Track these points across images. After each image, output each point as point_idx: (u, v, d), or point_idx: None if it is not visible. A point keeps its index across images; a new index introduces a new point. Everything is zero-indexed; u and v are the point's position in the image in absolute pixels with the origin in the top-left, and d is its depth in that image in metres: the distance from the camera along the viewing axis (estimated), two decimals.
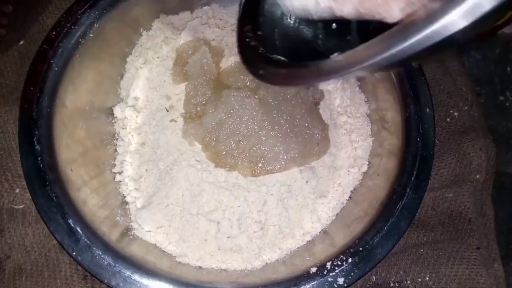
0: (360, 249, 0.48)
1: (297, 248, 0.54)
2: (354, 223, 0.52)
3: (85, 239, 0.47)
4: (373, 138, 0.60)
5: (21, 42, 0.70)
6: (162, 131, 0.59)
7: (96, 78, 0.60)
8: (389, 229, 0.49)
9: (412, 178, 0.52)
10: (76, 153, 0.55)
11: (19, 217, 0.58)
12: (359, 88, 0.63)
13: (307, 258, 0.51)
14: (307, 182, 0.56)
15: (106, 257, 0.47)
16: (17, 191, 0.59)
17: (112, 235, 0.50)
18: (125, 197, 0.57)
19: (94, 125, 0.59)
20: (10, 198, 0.59)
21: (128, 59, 0.64)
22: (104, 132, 0.60)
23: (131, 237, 0.53)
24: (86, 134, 0.57)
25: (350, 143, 0.61)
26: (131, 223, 0.54)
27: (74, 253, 0.46)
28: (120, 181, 0.58)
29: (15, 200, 0.59)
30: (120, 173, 0.59)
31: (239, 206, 0.53)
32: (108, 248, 0.47)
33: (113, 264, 0.46)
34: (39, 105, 0.52)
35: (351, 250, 0.48)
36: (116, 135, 0.61)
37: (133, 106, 0.61)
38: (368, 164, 0.58)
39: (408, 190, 0.51)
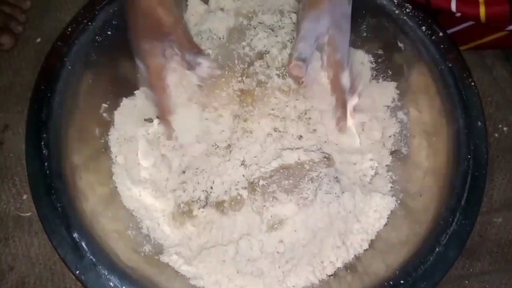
0: (401, 282, 0.42)
1: (327, 276, 0.48)
2: (392, 251, 0.46)
3: (90, 256, 0.42)
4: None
5: (38, 40, 0.67)
6: None
7: (115, 79, 0.56)
8: (436, 260, 0.43)
9: (462, 201, 0.45)
10: (88, 159, 0.51)
11: (25, 226, 0.54)
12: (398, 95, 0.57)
13: None
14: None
15: (112, 277, 0.42)
16: (24, 197, 0.56)
17: (120, 252, 0.45)
18: None
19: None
20: (16, 205, 0.55)
21: None
22: None
23: (142, 254, 0.48)
24: (100, 139, 0.54)
25: None
26: (143, 239, 0.50)
27: (77, 272, 0.42)
28: None
29: (22, 207, 0.55)
30: None
31: None
32: (115, 267, 0.43)
33: (119, 286, 0.42)
34: (49, 105, 0.49)
35: (391, 282, 0.42)
36: None
37: None
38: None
39: (457, 215, 0.45)
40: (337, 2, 0.51)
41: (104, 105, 0.55)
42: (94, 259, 0.42)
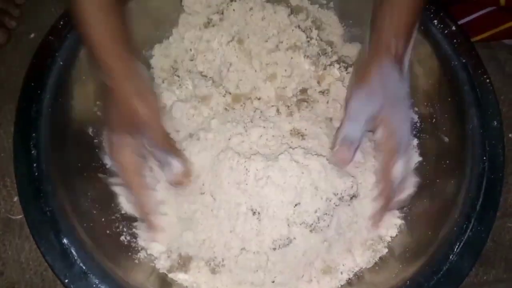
0: None
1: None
2: (401, 259, 0.44)
3: (81, 264, 0.40)
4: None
5: (32, 35, 0.64)
6: None
7: None
8: (449, 270, 0.40)
9: (478, 206, 0.43)
10: (80, 160, 0.48)
11: (16, 229, 0.52)
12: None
13: None
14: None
15: (103, 287, 0.39)
16: (15, 199, 0.53)
17: (113, 259, 0.42)
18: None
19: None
20: (7, 207, 0.53)
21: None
22: None
23: (136, 261, 0.46)
24: (94, 139, 0.51)
25: None
26: (138, 244, 0.47)
27: (66, 280, 0.39)
28: None
29: (13, 210, 0.53)
30: None
31: None
32: (106, 275, 0.40)
33: None
34: (39, 103, 0.46)
35: None
36: None
37: None
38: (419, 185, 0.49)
39: (472, 221, 0.42)
40: (389, 77, 0.44)
41: (98, 102, 0.52)
42: (84, 267, 0.40)
